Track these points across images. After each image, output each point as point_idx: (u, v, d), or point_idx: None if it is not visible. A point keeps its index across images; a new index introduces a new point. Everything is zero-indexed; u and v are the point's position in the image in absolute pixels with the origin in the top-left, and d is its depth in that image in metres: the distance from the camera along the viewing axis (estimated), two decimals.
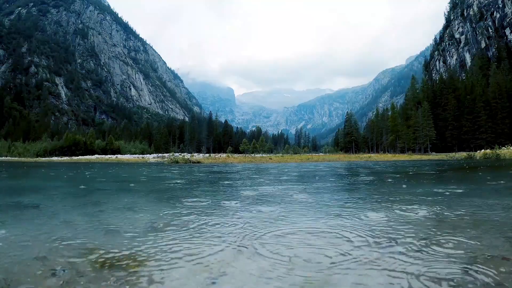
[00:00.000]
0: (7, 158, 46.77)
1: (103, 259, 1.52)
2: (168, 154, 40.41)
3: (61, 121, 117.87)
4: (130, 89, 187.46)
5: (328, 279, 1.25)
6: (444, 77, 67.34)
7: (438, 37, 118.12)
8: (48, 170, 13.16)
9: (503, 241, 1.78)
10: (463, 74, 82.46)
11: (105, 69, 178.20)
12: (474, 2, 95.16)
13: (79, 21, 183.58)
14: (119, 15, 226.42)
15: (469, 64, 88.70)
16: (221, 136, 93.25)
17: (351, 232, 2.01)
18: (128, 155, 48.97)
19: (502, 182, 5.50)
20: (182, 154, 39.32)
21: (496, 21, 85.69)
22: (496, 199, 3.41)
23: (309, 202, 3.40)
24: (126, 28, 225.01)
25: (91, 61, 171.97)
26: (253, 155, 42.21)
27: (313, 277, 1.27)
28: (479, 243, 1.73)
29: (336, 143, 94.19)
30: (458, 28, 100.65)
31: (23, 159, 42.89)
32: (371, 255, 1.59)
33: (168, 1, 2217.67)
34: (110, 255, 1.59)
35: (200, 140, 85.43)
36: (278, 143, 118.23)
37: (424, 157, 29.89)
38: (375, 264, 1.47)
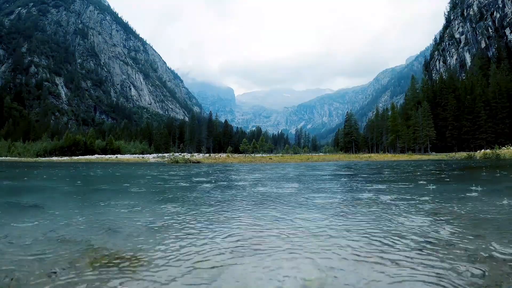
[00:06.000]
0: (7, 158, 46.72)
1: (103, 259, 1.52)
2: (168, 154, 40.40)
3: (61, 121, 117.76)
4: (130, 89, 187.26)
5: None
6: (444, 77, 67.25)
7: (438, 37, 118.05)
8: (48, 170, 13.16)
9: (503, 241, 1.78)
10: (463, 74, 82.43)
11: (105, 69, 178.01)
12: (474, 2, 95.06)
13: (79, 21, 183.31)
14: (119, 15, 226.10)
15: (469, 64, 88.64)
16: (221, 136, 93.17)
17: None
18: (128, 155, 48.95)
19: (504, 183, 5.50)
20: (182, 154, 39.31)
21: (496, 21, 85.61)
22: (497, 199, 3.41)
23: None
24: (126, 28, 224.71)
25: (91, 61, 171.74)
26: (253, 155, 42.22)
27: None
28: (479, 243, 1.74)
29: (336, 143, 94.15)
30: (458, 28, 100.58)
31: (23, 159, 42.85)
32: (365, 251, 1.63)
33: (169, 1, 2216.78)
34: (111, 255, 1.59)
35: (200, 140, 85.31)
36: (278, 143, 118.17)
37: (424, 157, 29.88)
38: (374, 261, 1.46)
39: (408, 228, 2.14)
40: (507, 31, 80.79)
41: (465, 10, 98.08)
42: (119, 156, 42.62)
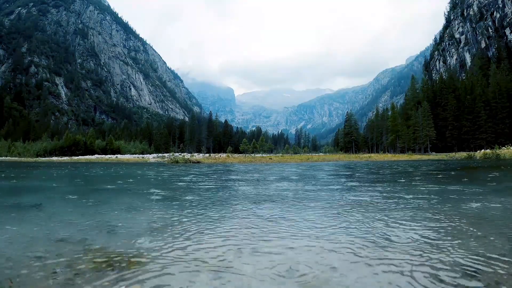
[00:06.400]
0: (7, 158, 46.72)
1: (103, 259, 1.52)
2: (168, 154, 40.39)
3: (61, 121, 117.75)
4: (130, 89, 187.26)
5: None
6: (444, 77, 67.26)
7: (438, 37, 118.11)
8: (48, 170, 13.16)
9: (504, 241, 1.78)
10: (463, 74, 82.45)
11: (105, 69, 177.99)
12: (474, 2, 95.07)
13: (79, 21, 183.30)
14: (119, 15, 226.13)
15: (469, 64, 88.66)
16: (221, 136, 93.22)
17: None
18: (128, 155, 48.95)
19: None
20: (182, 154, 39.31)
21: (496, 21, 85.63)
22: (496, 199, 3.41)
23: None
24: (126, 28, 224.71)
25: (91, 61, 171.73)
26: (253, 155, 42.23)
27: None
28: (479, 243, 1.74)
29: (336, 143, 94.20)
30: (458, 28, 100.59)
31: (23, 159, 42.85)
32: (368, 250, 1.63)
33: (169, 1, 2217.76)
34: (110, 255, 1.59)
35: (200, 140, 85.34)
36: (278, 143, 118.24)
37: (424, 157, 29.88)
38: (374, 261, 1.46)
39: (408, 228, 2.14)
40: (507, 31, 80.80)
41: (465, 10, 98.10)
42: (119, 156, 42.61)
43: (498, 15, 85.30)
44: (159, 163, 20.77)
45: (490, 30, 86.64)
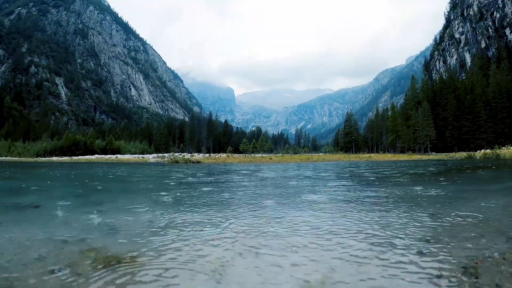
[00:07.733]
0: (7, 158, 46.70)
1: (103, 259, 1.52)
2: (168, 154, 40.41)
3: (61, 121, 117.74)
4: (130, 89, 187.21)
5: None
6: (444, 77, 67.23)
7: (438, 37, 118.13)
8: (48, 170, 13.16)
9: (503, 241, 1.78)
10: (463, 74, 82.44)
11: (105, 69, 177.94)
12: (474, 2, 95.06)
13: (79, 21, 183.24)
14: (119, 15, 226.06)
15: (469, 64, 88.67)
16: (221, 136, 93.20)
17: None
18: (128, 155, 48.95)
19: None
20: (182, 154, 39.33)
21: (496, 21, 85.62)
22: (495, 199, 3.41)
23: None
24: (126, 28, 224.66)
25: (91, 61, 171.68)
26: (253, 155, 42.24)
27: None
28: (479, 243, 1.74)
29: (336, 143, 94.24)
30: (458, 28, 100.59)
31: (23, 159, 42.82)
32: (368, 251, 1.64)
33: (169, 1, 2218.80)
34: (110, 255, 1.58)
35: (200, 140, 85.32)
36: (278, 143, 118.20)
37: (424, 157, 29.88)
38: (374, 261, 1.46)
39: (407, 229, 2.14)
40: (507, 31, 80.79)
41: (465, 10, 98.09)
42: (119, 156, 42.62)
43: (498, 15, 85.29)
44: (159, 163, 20.77)
45: (490, 30, 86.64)
